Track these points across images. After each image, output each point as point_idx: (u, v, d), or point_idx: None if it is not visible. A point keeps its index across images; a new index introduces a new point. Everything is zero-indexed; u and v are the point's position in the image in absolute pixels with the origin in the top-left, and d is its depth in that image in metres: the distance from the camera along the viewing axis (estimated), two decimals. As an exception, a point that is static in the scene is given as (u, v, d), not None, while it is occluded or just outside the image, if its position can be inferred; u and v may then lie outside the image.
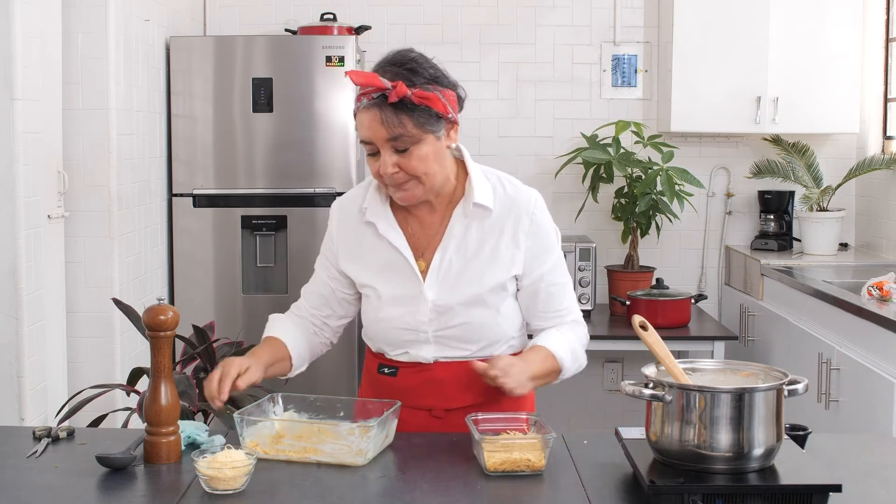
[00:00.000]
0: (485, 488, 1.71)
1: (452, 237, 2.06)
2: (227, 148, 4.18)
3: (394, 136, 1.93)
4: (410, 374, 2.10)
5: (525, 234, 2.07)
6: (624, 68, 4.69)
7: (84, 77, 3.53)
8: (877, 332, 3.11)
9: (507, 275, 2.06)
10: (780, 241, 4.54)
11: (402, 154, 1.95)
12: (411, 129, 1.93)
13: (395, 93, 1.90)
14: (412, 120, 1.93)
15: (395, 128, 1.92)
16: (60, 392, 3.29)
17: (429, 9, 4.65)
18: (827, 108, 4.37)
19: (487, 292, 2.05)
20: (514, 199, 2.08)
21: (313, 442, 1.85)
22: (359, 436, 1.83)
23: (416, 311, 2.06)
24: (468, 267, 2.05)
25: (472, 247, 2.06)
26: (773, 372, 1.75)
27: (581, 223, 4.67)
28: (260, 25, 4.63)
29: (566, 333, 2.12)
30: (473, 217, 2.06)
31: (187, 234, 4.21)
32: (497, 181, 2.11)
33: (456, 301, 2.04)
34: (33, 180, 3.07)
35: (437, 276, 2.06)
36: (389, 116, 1.92)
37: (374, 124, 1.93)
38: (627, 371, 4.78)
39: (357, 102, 1.96)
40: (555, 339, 2.09)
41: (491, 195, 2.07)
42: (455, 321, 2.05)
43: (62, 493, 1.70)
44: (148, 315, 1.81)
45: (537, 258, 2.09)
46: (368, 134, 1.95)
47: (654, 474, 1.65)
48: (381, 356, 2.15)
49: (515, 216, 2.07)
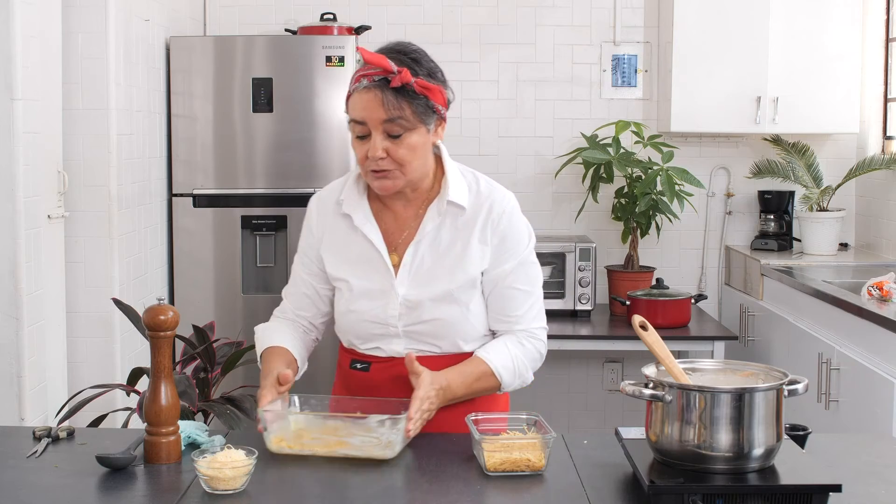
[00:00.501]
0: (485, 488, 1.71)
1: (426, 233, 2.07)
2: (227, 148, 4.19)
3: (390, 118, 1.94)
4: (383, 370, 2.10)
5: (493, 230, 2.08)
6: (624, 68, 4.69)
7: (84, 77, 3.53)
8: (877, 332, 3.11)
9: (476, 271, 2.07)
10: (780, 241, 4.54)
11: (393, 140, 1.97)
12: (409, 116, 1.95)
13: (399, 77, 1.92)
14: (411, 107, 1.95)
15: (393, 110, 1.94)
16: (60, 392, 3.30)
17: (429, 9, 4.65)
18: (827, 108, 4.37)
19: (457, 289, 2.06)
20: (487, 198, 2.09)
21: (341, 435, 1.84)
22: (389, 428, 1.83)
23: (387, 306, 2.06)
24: (439, 264, 2.06)
25: (444, 244, 2.07)
26: (773, 372, 1.75)
27: (581, 223, 4.67)
28: (260, 25, 4.63)
29: (511, 348, 2.08)
30: (447, 215, 2.07)
31: (187, 234, 4.21)
32: (473, 179, 2.12)
33: (426, 297, 2.05)
34: (33, 180, 3.07)
35: (408, 271, 2.06)
36: (390, 99, 1.93)
37: (374, 104, 1.94)
38: (627, 371, 4.78)
39: (355, 83, 1.97)
40: (497, 352, 2.07)
41: (466, 193, 2.08)
42: (425, 317, 2.06)
43: (62, 493, 1.70)
44: (148, 315, 1.81)
45: (501, 256, 2.09)
46: (364, 114, 1.95)
47: (654, 474, 1.64)
48: (353, 351, 2.15)
49: (486, 214, 2.08)
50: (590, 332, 4.08)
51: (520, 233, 2.11)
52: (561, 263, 4.28)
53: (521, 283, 2.10)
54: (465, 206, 2.07)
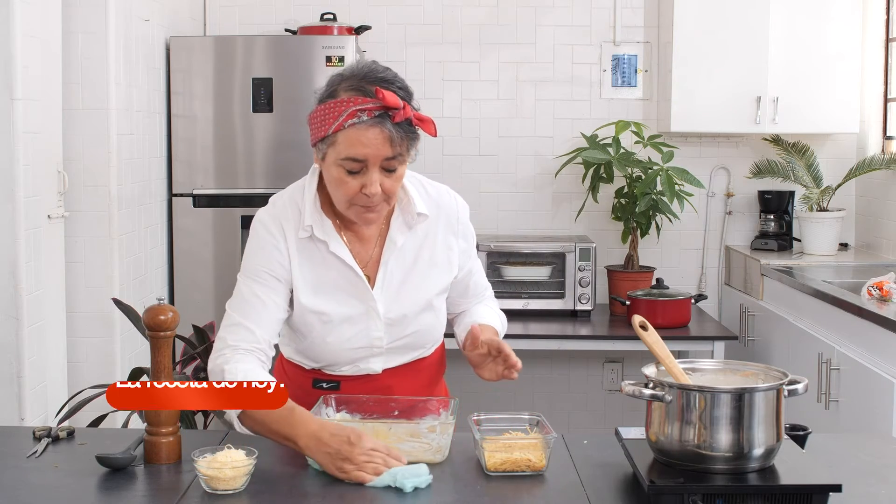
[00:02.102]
0: (485, 488, 1.71)
1: (394, 249, 2.04)
2: (227, 148, 4.19)
3: (394, 156, 1.88)
4: (355, 386, 2.08)
5: (455, 235, 2.11)
6: (624, 68, 4.69)
7: (84, 77, 3.53)
8: (877, 332, 3.11)
9: (449, 277, 2.10)
10: (780, 241, 4.54)
11: (387, 174, 1.90)
12: (407, 150, 1.91)
13: (402, 113, 1.85)
14: (409, 141, 1.90)
15: (398, 147, 1.87)
16: (60, 392, 3.30)
17: (429, 9, 4.65)
18: (827, 108, 4.37)
19: (434, 297, 2.08)
20: (437, 202, 2.09)
21: (391, 441, 1.83)
22: (439, 433, 1.84)
23: (369, 328, 2.04)
24: (411, 275, 2.05)
25: (409, 254, 2.06)
26: (772, 372, 1.75)
27: (581, 223, 4.67)
28: (260, 25, 4.63)
29: (493, 307, 2.26)
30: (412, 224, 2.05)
31: (187, 234, 4.21)
32: (419, 185, 2.09)
33: (406, 311, 2.05)
34: (33, 180, 3.07)
35: (382, 288, 2.04)
36: (395, 136, 1.85)
37: (379, 142, 1.85)
38: (627, 371, 4.78)
39: (352, 118, 1.84)
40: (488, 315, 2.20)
41: (423, 201, 2.06)
42: (407, 330, 2.06)
43: (62, 493, 1.70)
44: (148, 315, 1.81)
45: (466, 253, 2.15)
46: (368, 151, 1.85)
47: (654, 474, 1.65)
48: (319, 372, 2.10)
49: (445, 219, 2.09)
50: (590, 332, 4.08)
51: (470, 225, 2.17)
52: (561, 263, 4.28)
53: (477, 262, 2.22)
54: (428, 214, 2.05)
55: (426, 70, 4.61)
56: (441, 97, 4.62)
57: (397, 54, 4.61)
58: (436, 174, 4.60)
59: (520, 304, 4.28)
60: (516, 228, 4.72)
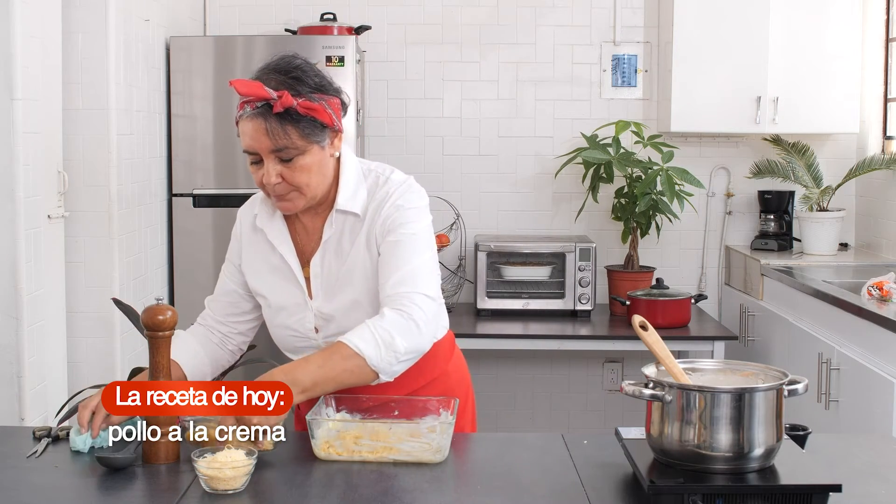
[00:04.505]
0: (484, 488, 1.71)
1: (329, 244, 2.02)
2: (227, 148, 4.18)
3: (278, 148, 1.89)
4: None
5: (379, 231, 1.98)
6: (624, 68, 4.69)
7: (84, 77, 3.53)
8: (877, 332, 3.11)
9: (377, 279, 2.00)
10: (780, 241, 4.54)
11: (286, 164, 1.91)
12: (296, 141, 1.89)
13: (280, 103, 1.86)
14: (297, 131, 1.89)
15: (280, 139, 1.88)
16: (60, 392, 3.29)
17: (429, 9, 4.65)
18: (827, 108, 4.37)
19: (363, 296, 2.01)
20: (375, 197, 2.01)
21: (391, 441, 1.83)
22: (439, 433, 1.83)
23: (304, 320, 2.04)
24: (344, 272, 2.02)
25: (345, 251, 2.02)
26: (772, 372, 1.75)
27: (581, 223, 4.67)
28: (260, 25, 4.63)
29: (371, 321, 1.91)
30: (345, 222, 2.02)
31: (187, 234, 4.21)
32: (375, 180, 2.03)
33: (336, 308, 2.02)
34: (33, 180, 3.07)
35: (319, 283, 2.03)
36: (274, 127, 1.87)
37: (259, 134, 1.88)
38: (627, 371, 4.78)
39: (240, 110, 1.91)
40: (354, 331, 1.91)
41: (363, 198, 2.01)
42: (342, 328, 1.99)
43: (62, 493, 1.70)
44: (146, 315, 1.81)
45: (389, 243, 1.99)
46: (252, 144, 1.90)
47: (654, 474, 1.64)
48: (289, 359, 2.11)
49: (373, 215, 2.00)
50: (590, 332, 4.08)
51: (404, 219, 1.98)
52: (561, 263, 4.28)
53: (408, 258, 1.96)
54: (359, 212, 2.00)
55: (426, 70, 4.61)
56: (441, 97, 4.62)
57: (397, 54, 4.61)
58: (436, 174, 4.65)
59: (520, 304, 4.29)
60: (516, 228, 4.72)
